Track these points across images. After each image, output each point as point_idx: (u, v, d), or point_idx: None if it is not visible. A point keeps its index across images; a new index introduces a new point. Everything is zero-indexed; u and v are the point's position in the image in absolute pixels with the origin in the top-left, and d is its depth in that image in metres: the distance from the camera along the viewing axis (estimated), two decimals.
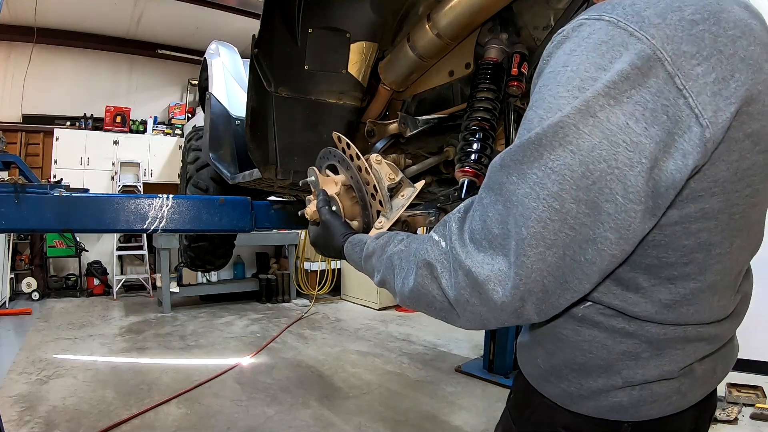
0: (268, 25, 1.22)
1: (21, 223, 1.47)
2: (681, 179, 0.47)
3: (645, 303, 0.55)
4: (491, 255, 0.51)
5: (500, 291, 0.49)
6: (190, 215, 1.66)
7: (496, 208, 0.51)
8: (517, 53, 1.07)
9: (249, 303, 6.22)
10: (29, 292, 5.79)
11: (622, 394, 0.58)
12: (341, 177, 0.96)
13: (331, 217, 0.89)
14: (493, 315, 0.51)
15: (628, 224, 0.46)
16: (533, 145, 0.48)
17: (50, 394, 3.04)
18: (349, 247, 0.81)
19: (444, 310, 0.57)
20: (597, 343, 0.58)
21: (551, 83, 0.49)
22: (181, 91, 7.39)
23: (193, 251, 2.82)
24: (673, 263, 0.53)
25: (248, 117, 1.37)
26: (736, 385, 2.90)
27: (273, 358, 3.98)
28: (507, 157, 0.51)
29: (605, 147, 0.45)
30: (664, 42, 0.46)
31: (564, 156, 0.46)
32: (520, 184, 0.48)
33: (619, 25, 0.47)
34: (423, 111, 1.36)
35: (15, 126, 6.21)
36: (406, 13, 1.21)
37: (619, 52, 0.46)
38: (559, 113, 0.47)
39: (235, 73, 2.60)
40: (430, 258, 0.57)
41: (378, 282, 0.70)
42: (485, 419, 2.86)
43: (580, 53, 0.48)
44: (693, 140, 0.46)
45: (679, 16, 0.47)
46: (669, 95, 0.45)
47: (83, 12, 5.77)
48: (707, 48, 0.47)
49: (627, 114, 0.45)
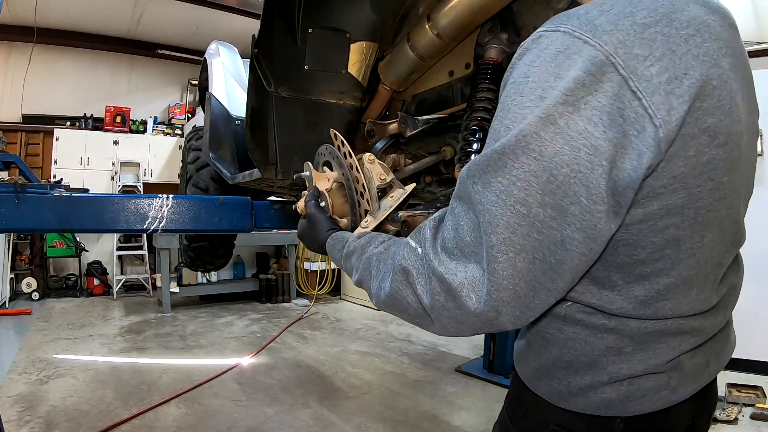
0: (268, 25, 1.22)
1: (21, 223, 1.47)
2: (637, 178, 0.48)
3: (621, 300, 0.56)
4: (464, 263, 0.52)
5: (474, 297, 0.50)
6: (190, 215, 1.66)
7: (468, 217, 0.53)
8: None
9: (249, 303, 6.22)
10: (29, 292, 5.79)
11: (609, 389, 0.59)
12: (334, 174, 0.96)
13: (317, 211, 0.90)
14: (468, 321, 0.52)
15: (594, 224, 0.48)
16: (496, 155, 0.49)
17: (50, 394, 3.04)
18: (331, 243, 0.83)
19: (418, 315, 0.57)
20: (580, 340, 0.59)
21: (514, 94, 0.51)
22: (181, 91, 7.39)
23: (193, 251, 2.82)
24: (643, 260, 0.54)
25: (248, 117, 1.37)
26: (736, 385, 2.90)
27: (273, 358, 3.98)
28: (473, 167, 0.52)
29: (567, 152, 0.47)
30: (617, 47, 0.48)
31: (528, 163, 0.48)
32: (485, 193, 0.50)
33: (573, 34, 0.50)
34: (423, 111, 1.36)
35: (15, 126, 6.21)
36: (406, 13, 1.21)
37: (573, 60, 0.48)
38: (523, 122, 0.49)
39: (235, 73, 2.60)
40: (406, 264, 0.58)
41: (355, 282, 0.71)
42: (485, 419, 2.86)
43: (539, 64, 0.50)
44: (647, 140, 0.47)
45: (630, 21, 0.49)
46: (624, 98, 0.47)
47: (83, 12, 5.77)
48: (660, 49, 0.48)
49: (585, 119, 0.47)
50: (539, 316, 0.60)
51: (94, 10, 5.73)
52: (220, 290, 6.20)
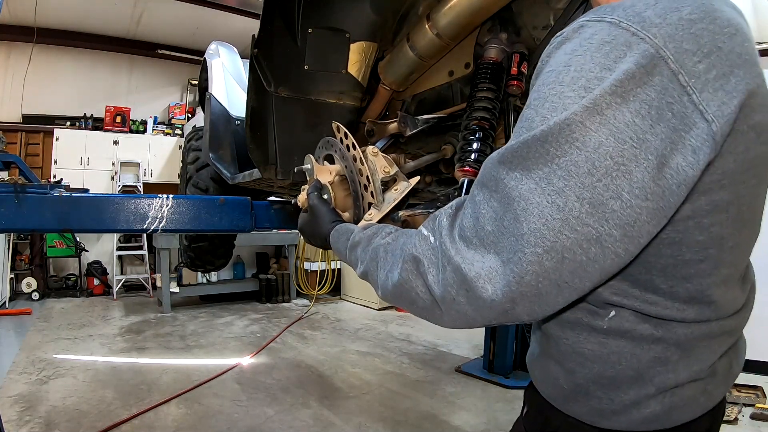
0: (268, 25, 1.22)
1: (21, 223, 1.46)
2: (694, 175, 0.47)
3: (665, 302, 0.55)
4: (482, 253, 0.50)
5: (489, 289, 0.48)
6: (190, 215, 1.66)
7: (490, 205, 0.50)
8: (516, 53, 1.07)
9: (249, 303, 6.22)
10: (29, 292, 5.79)
11: (654, 402, 0.57)
12: (336, 167, 0.94)
13: (320, 202, 0.87)
14: (480, 313, 0.51)
15: (633, 220, 0.46)
16: (538, 142, 0.47)
17: (50, 394, 3.04)
18: (335, 235, 0.80)
19: (426, 307, 0.56)
20: (626, 353, 0.56)
21: (553, 83, 0.49)
22: (181, 91, 7.39)
23: (193, 251, 2.82)
24: (688, 261, 0.53)
25: (248, 117, 1.37)
26: (736, 385, 2.90)
27: (273, 358, 3.98)
28: (508, 154, 0.50)
29: (611, 144, 0.45)
30: (666, 41, 0.46)
31: (570, 152, 0.46)
32: (523, 180, 0.48)
33: (621, 25, 0.48)
34: (423, 111, 1.36)
35: (15, 126, 6.21)
36: (405, 13, 1.21)
37: (623, 51, 0.47)
38: (565, 112, 0.47)
39: (235, 73, 2.60)
40: (417, 252, 0.56)
41: (360, 274, 0.69)
42: (485, 419, 2.86)
43: (583, 53, 0.48)
44: (701, 136, 0.46)
45: (678, 16, 0.48)
46: (673, 92, 0.46)
47: (83, 12, 5.77)
48: (707, 45, 0.47)
49: (633, 112, 0.45)
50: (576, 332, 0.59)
51: (94, 10, 5.73)
52: (220, 290, 6.20)
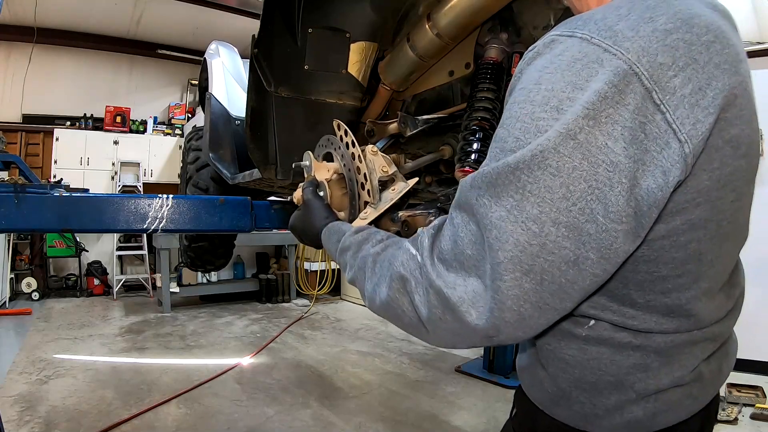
0: (268, 25, 1.22)
1: (21, 223, 1.46)
2: (663, 197, 0.46)
3: (643, 316, 0.55)
4: (463, 276, 0.50)
5: (474, 314, 0.48)
6: (190, 215, 1.66)
7: (469, 228, 0.50)
8: (517, 53, 1.07)
9: (249, 303, 6.21)
10: (29, 292, 5.79)
11: (636, 408, 0.57)
12: (335, 165, 0.94)
13: (314, 197, 0.85)
14: (466, 335, 0.51)
15: (610, 243, 0.46)
16: (509, 168, 0.46)
17: (50, 394, 3.04)
18: (326, 233, 0.79)
19: (413, 325, 0.55)
20: (605, 360, 0.57)
21: (524, 101, 0.48)
22: (181, 91, 7.39)
23: (193, 251, 2.82)
24: (665, 276, 0.53)
25: (248, 117, 1.37)
26: (736, 385, 2.89)
27: (273, 358, 3.97)
28: (479, 179, 0.49)
29: (585, 168, 0.44)
30: (640, 55, 0.45)
31: (543, 178, 0.45)
32: (493, 207, 0.47)
33: (592, 41, 0.46)
34: (423, 111, 1.36)
35: (15, 126, 6.21)
36: (406, 13, 1.21)
37: (594, 69, 0.45)
38: (537, 136, 0.46)
39: (235, 73, 2.60)
40: (404, 271, 0.55)
41: (349, 279, 0.69)
42: (485, 419, 2.86)
43: (553, 71, 0.47)
44: (672, 156, 0.45)
45: (652, 27, 0.46)
46: (646, 112, 0.45)
47: (83, 12, 5.77)
48: (682, 57, 0.46)
49: (606, 134, 0.44)
50: (557, 338, 0.59)
51: (94, 10, 5.73)
52: (220, 290, 6.20)
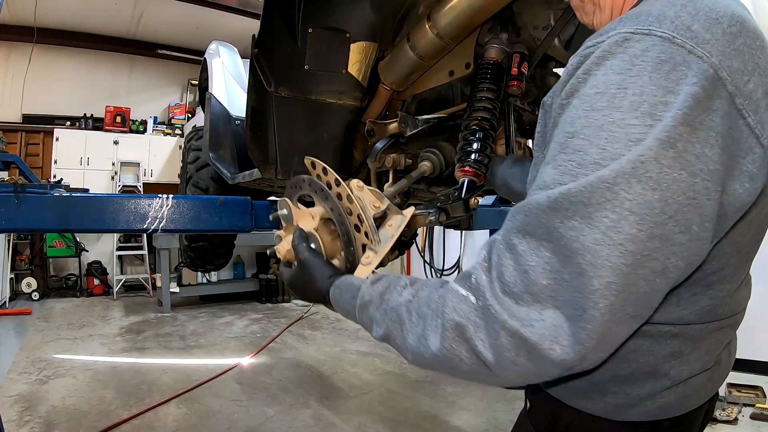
0: (268, 25, 1.22)
1: (21, 223, 1.46)
2: (750, 201, 0.46)
3: (683, 311, 0.55)
4: (537, 309, 0.45)
5: (558, 349, 0.44)
6: (190, 215, 1.66)
7: (541, 256, 0.45)
8: (517, 53, 1.07)
9: (249, 303, 6.21)
10: (29, 292, 5.79)
11: (668, 393, 0.58)
12: (318, 209, 0.83)
13: (312, 256, 0.77)
14: (543, 372, 0.47)
15: (702, 251, 0.45)
16: (605, 184, 0.42)
17: (50, 394, 3.04)
18: (336, 292, 0.70)
19: (474, 372, 0.50)
20: (643, 351, 0.56)
21: (606, 107, 0.44)
22: (181, 91, 7.39)
23: (193, 251, 2.82)
24: (713, 272, 0.54)
25: (248, 117, 1.37)
26: (736, 385, 2.89)
27: (273, 358, 3.97)
28: (561, 199, 0.44)
29: (684, 179, 0.42)
30: (720, 59, 0.43)
31: (643, 194, 0.41)
32: (585, 230, 0.42)
33: (675, 41, 0.43)
34: (423, 111, 1.36)
35: (15, 126, 6.21)
36: (406, 13, 1.21)
37: (682, 72, 0.43)
38: (629, 145, 0.42)
39: (235, 73, 2.60)
40: (459, 318, 0.49)
41: (379, 337, 0.61)
42: (485, 419, 2.86)
43: (638, 73, 0.43)
44: (757, 162, 0.45)
45: (721, 30, 0.45)
46: (732, 117, 0.44)
47: (83, 12, 5.77)
48: (749, 62, 0.45)
49: (702, 141, 0.42)
50: None
51: (94, 10, 5.73)
52: (220, 290, 6.19)
